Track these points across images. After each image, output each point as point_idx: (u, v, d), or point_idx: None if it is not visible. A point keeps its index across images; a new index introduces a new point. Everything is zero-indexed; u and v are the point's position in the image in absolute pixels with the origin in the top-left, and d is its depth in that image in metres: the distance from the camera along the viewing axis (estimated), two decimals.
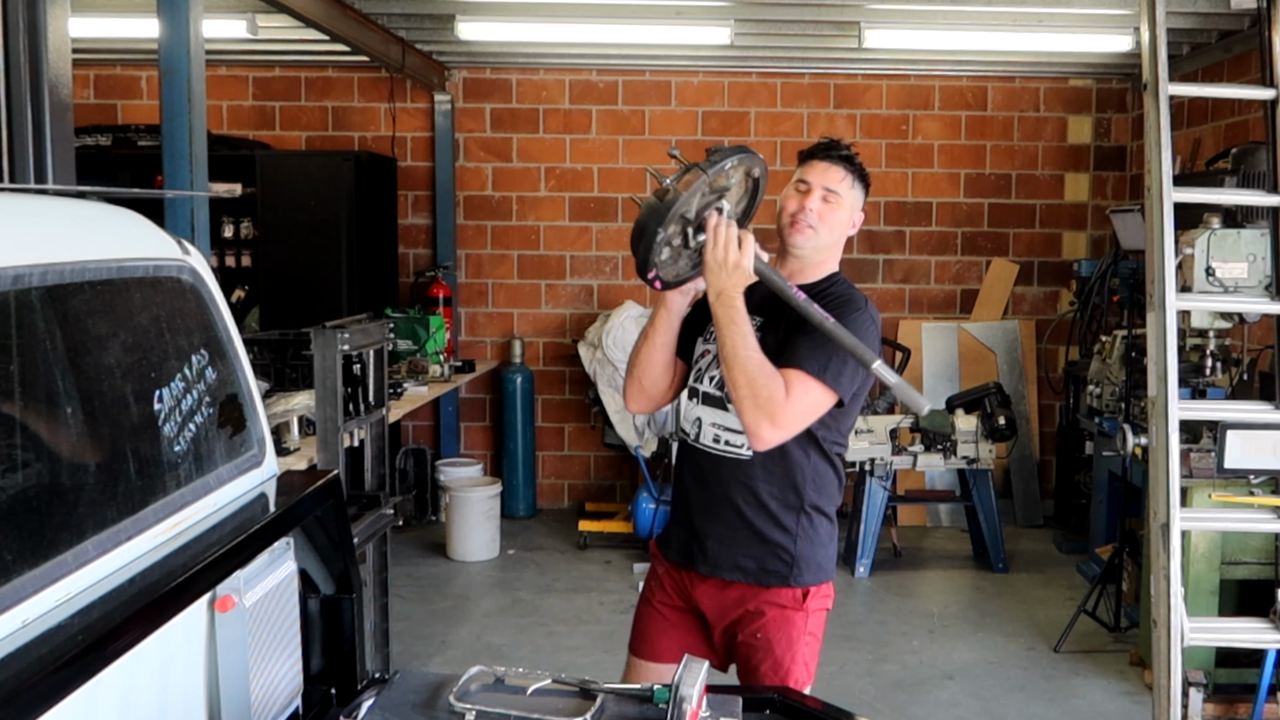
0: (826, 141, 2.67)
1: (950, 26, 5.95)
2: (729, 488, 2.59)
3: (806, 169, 2.63)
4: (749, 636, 2.61)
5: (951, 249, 7.57)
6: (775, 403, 2.43)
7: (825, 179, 2.60)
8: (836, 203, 2.59)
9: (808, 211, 2.58)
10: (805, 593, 2.61)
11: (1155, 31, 3.22)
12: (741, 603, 2.62)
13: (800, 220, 2.59)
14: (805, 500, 2.60)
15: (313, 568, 2.35)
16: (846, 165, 2.62)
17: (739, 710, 1.97)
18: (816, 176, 2.60)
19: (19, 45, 2.37)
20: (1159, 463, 3.20)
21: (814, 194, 2.59)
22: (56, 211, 1.95)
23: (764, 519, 2.59)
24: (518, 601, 5.86)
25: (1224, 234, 4.18)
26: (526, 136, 7.47)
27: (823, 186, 2.59)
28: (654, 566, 2.82)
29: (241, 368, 2.25)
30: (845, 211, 2.61)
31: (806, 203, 2.59)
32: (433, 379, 6.25)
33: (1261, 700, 4.10)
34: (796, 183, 2.64)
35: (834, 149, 2.64)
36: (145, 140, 6.73)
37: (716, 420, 2.61)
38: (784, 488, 2.59)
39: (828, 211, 2.59)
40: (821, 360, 2.47)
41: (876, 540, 6.28)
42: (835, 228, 2.61)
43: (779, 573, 2.60)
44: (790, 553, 2.60)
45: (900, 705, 4.62)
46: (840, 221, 2.62)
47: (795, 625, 2.61)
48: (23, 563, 1.52)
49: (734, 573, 2.61)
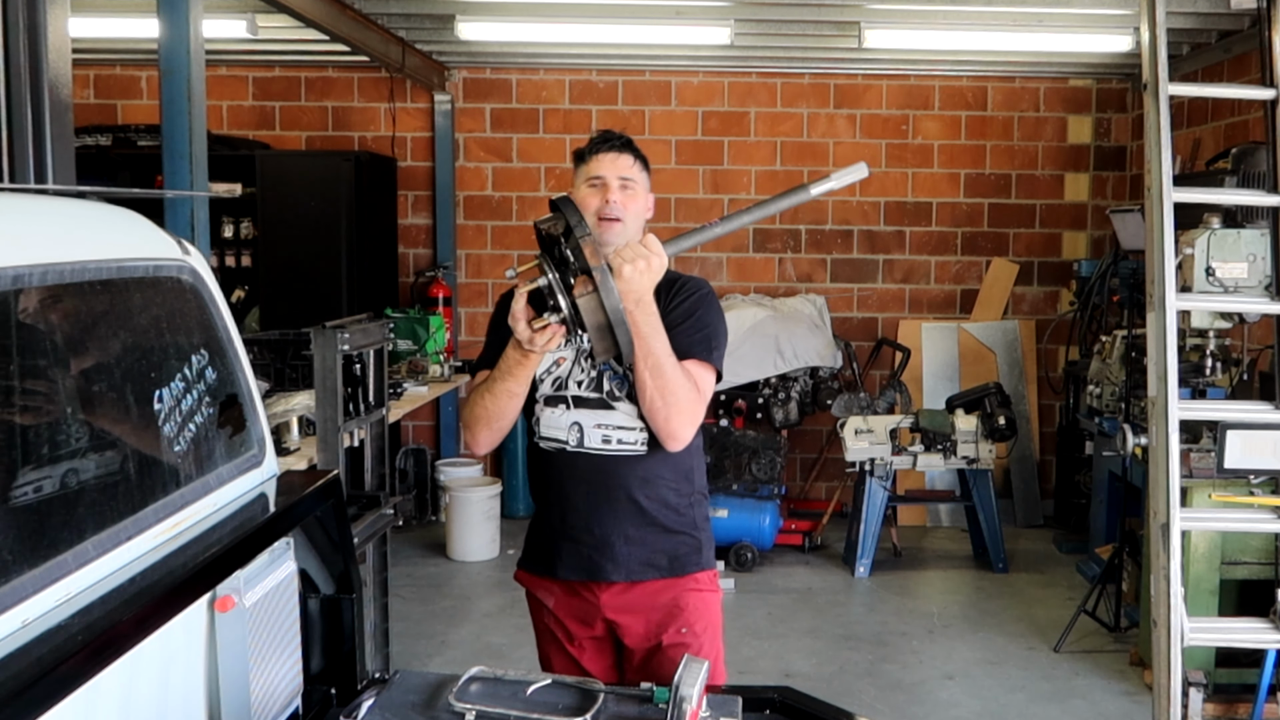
0: (604, 132, 2.63)
1: (950, 26, 5.95)
2: (629, 486, 2.53)
3: (594, 164, 2.57)
4: (675, 636, 2.57)
5: (951, 249, 7.57)
6: (692, 402, 2.44)
7: (617, 168, 2.55)
8: (634, 189, 2.56)
9: (612, 205, 2.53)
10: (713, 574, 2.65)
11: (1155, 31, 3.21)
12: (660, 597, 2.58)
13: (608, 215, 2.53)
14: (695, 485, 2.63)
15: (313, 568, 2.34)
16: (631, 151, 2.59)
17: (739, 710, 1.97)
18: (608, 169, 2.55)
19: (19, 45, 2.37)
20: (1159, 463, 3.20)
21: (612, 186, 2.54)
22: (56, 211, 1.95)
23: (666, 511, 2.57)
24: (518, 601, 5.80)
25: (1224, 234, 4.18)
26: (526, 136, 7.48)
27: (618, 176, 2.54)
28: (535, 598, 2.70)
29: (241, 368, 2.25)
30: (642, 197, 2.59)
31: (608, 196, 2.53)
32: (433, 379, 6.25)
33: (1261, 700, 4.10)
34: (588, 180, 2.57)
35: (613, 138, 2.59)
36: (145, 140, 6.74)
37: (602, 421, 2.55)
38: (679, 475, 2.59)
39: (629, 200, 2.55)
40: (705, 343, 2.50)
41: (876, 540, 6.28)
42: (638, 215, 2.58)
43: (691, 559, 2.60)
44: (695, 537, 2.62)
45: (900, 705, 4.62)
46: (641, 208, 2.59)
47: (713, 609, 2.62)
48: (23, 563, 1.52)
49: (649, 571, 2.57)
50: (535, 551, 2.68)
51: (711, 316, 2.56)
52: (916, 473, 6.76)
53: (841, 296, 7.57)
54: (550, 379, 2.61)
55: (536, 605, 2.72)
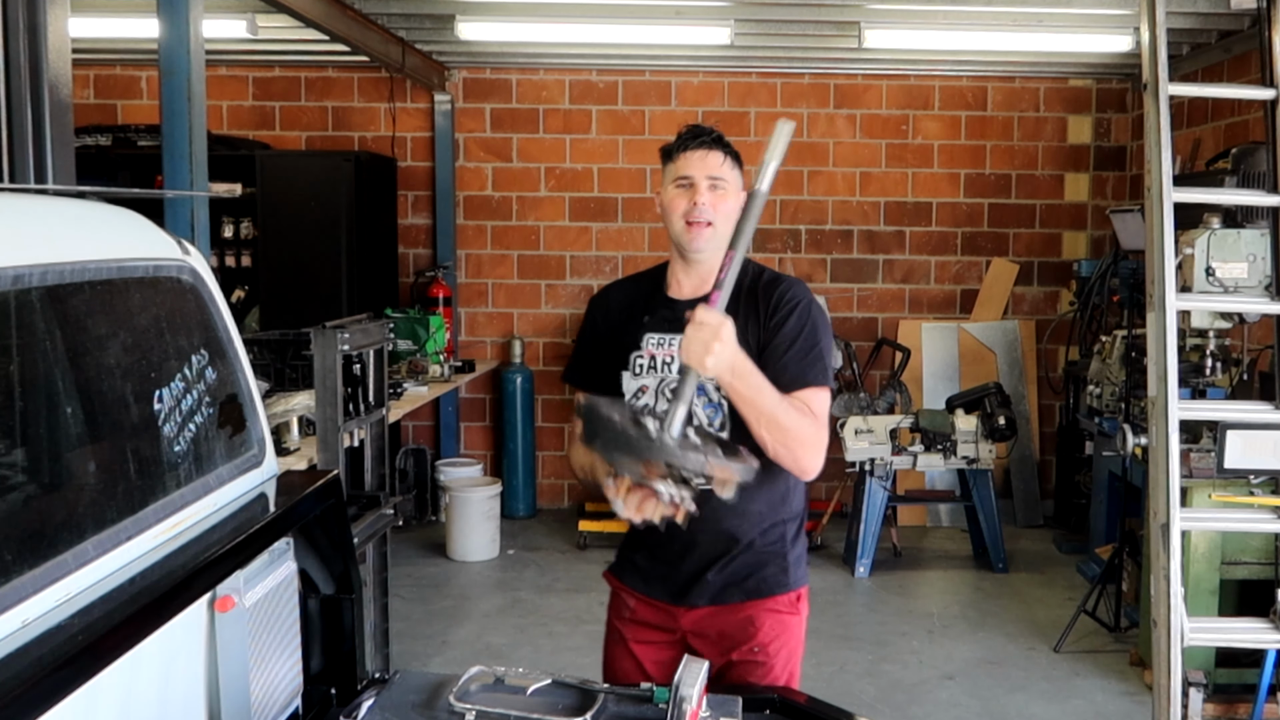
0: (693, 128, 2.45)
1: (950, 26, 5.95)
2: (721, 520, 2.41)
3: (682, 163, 2.41)
4: (746, 654, 2.50)
5: (951, 249, 7.57)
6: (814, 435, 2.33)
7: (706, 168, 2.39)
8: (725, 189, 2.40)
9: (700, 208, 2.38)
10: (798, 595, 2.57)
11: (1155, 31, 3.21)
12: (736, 615, 2.51)
13: (696, 219, 2.39)
14: (794, 508, 2.54)
15: (313, 568, 2.34)
16: (722, 147, 2.42)
17: (739, 710, 1.97)
18: (696, 168, 2.40)
19: (19, 45, 2.37)
20: (1159, 463, 3.20)
21: (700, 188, 2.39)
22: (56, 211, 1.95)
23: (761, 538, 2.50)
24: (518, 601, 5.86)
25: (1224, 234, 4.18)
26: (526, 136, 7.48)
27: (706, 176, 2.39)
28: (618, 597, 2.64)
29: (241, 368, 2.25)
30: (734, 196, 2.41)
31: (696, 198, 2.38)
32: (433, 379, 6.25)
33: (1261, 700, 4.10)
34: (676, 180, 2.42)
35: (704, 133, 2.42)
36: (145, 140, 6.74)
37: None
38: (775, 503, 2.49)
39: (719, 201, 2.39)
40: (819, 364, 2.39)
41: (876, 540, 6.28)
42: (728, 213, 2.40)
43: (777, 580, 2.52)
44: (785, 559, 2.53)
45: (900, 705, 4.62)
46: (731, 207, 2.40)
47: (789, 630, 2.53)
48: (23, 563, 1.52)
49: (734, 593, 2.50)
50: (628, 565, 2.60)
51: (819, 331, 2.41)
52: (916, 473, 6.76)
53: (841, 296, 7.57)
54: (638, 404, 2.50)
55: (618, 605, 2.65)
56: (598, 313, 2.62)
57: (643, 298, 2.55)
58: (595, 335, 2.60)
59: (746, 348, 2.32)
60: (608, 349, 2.55)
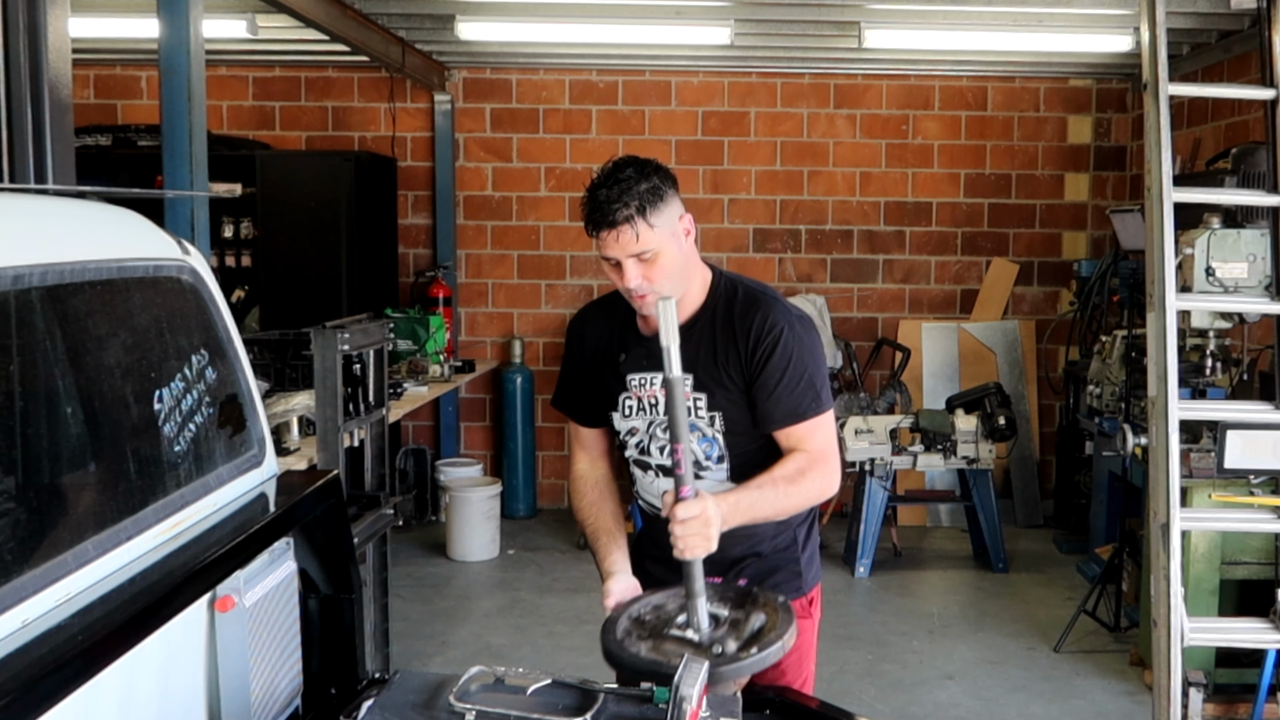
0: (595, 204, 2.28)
1: (950, 26, 5.95)
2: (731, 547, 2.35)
3: (601, 244, 2.30)
4: None
5: (951, 249, 7.57)
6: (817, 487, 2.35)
7: (623, 248, 2.26)
8: (652, 256, 2.27)
9: (635, 286, 2.29)
10: (810, 599, 2.59)
11: (1155, 31, 3.22)
12: None
13: (636, 293, 2.31)
14: (801, 514, 2.54)
15: (313, 568, 2.35)
16: (629, 220, 2.24)
17: (739, 710, 1.97)
18: (615, 250, 2.27)
19: (19, 45, 2.37)
20: (1159, 463, 3.20)
21: (627, 267, 2.28)
22: (56, 211, 1.95)
23: (770, 548, 2.51)
24: (518, 601, 5.86)
25: (1224, 234, 4.18)
26: (526, 136, 7.47)
27: (627, 255, 2.27)
28: None
29: (241, 368, 2.25)
30: (667, 250, 2.28)
31: (626, 280, 2.29)
32: (433, 379, 6.25)
33: (1261, 700, 4.10)
34: (603, 257, 2.33)
35: (607, 215, 2.25)
36: (145, 140, 6.73)
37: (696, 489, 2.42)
38: None
39: (651, 269, 2.28)
40: (809, 392, 2.36)
41: (876, 540, 6.28)
42: (669, 270, 2.30)
43: (790, 584, 2.54)
44: (797, 562, 2.56)
45: (900, 705, 4.62)
46: (670, 261, 2.30)
47: (803, 635, 2.52)
48: (23, 563, 1.52)
49: None
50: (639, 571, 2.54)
51: (805, 356, 2.35)
52: (916, 473, 6.76)
53: (841, 296, 7.57)
54: (633, 442, 2.52)
55: None
56: (575, 344, 2.62)
57: (616, 333, 2.52)
58: (576, 367, 2.61)
59: (727, 377, 2.36)
60: (592, 384, 2.56)
